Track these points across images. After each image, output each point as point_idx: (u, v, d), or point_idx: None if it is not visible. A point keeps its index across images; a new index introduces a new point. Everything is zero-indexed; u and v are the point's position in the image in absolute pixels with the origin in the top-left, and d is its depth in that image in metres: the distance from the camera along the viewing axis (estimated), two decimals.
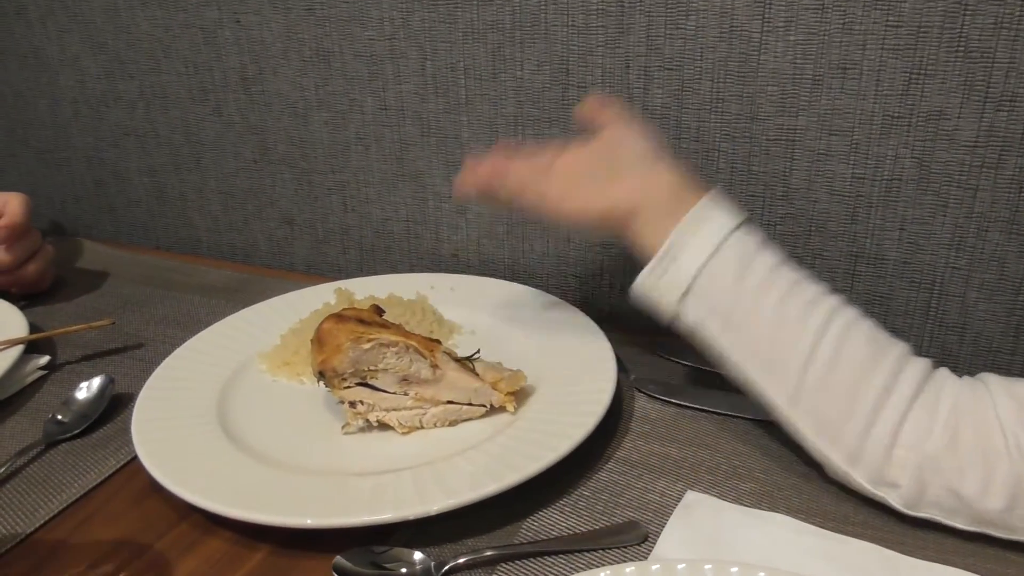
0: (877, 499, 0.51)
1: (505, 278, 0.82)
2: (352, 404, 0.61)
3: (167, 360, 0.70)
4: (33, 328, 0.77)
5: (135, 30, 0.94)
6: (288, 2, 0.84)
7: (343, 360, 0.59)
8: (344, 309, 0.64)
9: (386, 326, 0.62)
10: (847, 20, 0.63)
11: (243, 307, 0.79)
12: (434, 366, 0.60)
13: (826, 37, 0.64)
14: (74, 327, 0.75)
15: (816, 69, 0.65)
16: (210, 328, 0.75)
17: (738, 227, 0.54)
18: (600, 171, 0.58)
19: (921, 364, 0.51)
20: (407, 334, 0.61)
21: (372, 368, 0.60)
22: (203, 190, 0.99)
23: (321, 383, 0.61)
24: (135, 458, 0.59)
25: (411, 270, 0.90)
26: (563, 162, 0.59)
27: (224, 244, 1.01)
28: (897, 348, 0.52)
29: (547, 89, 0.76)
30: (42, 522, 0.55)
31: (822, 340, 0.51)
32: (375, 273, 0.90)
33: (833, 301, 0.53)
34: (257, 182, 0.96)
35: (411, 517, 0.50)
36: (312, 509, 0.52)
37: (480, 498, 0.51)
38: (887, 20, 0.62)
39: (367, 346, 0.59)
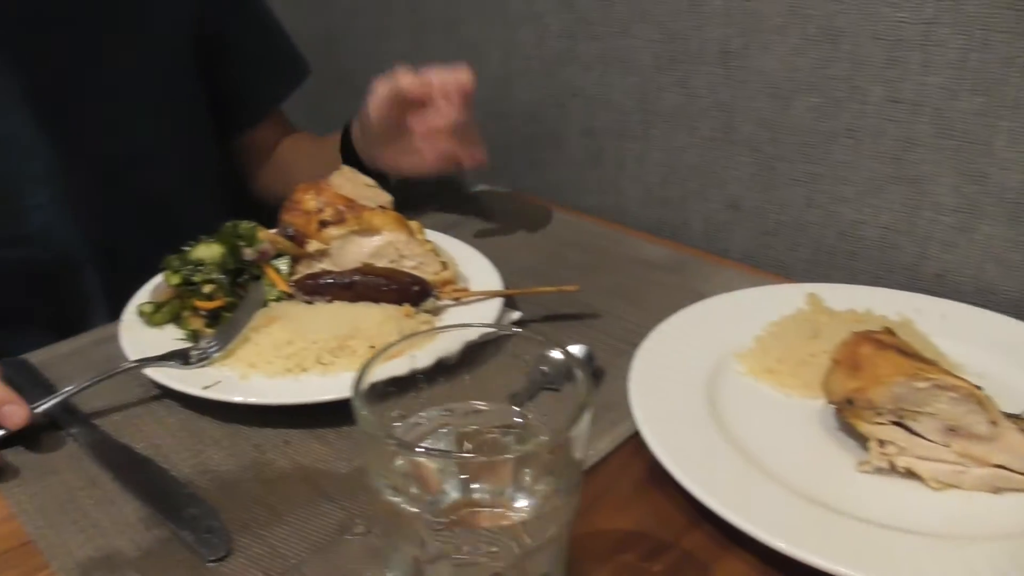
0: None
1: (1009, 314, 0.70)
2: (880, 443, 0.54)
3: (645, 343, 0.68)
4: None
5: None
6: None
7: (885, 394, 0.52)
8: (878, 333, 0.57)
9: (931, 363, 0.54)
10: None
11: (685, 289, 0.78)
12: (992, 422, 0.51)
13: None
14: (545, 288, 0.76)
15: None
16: (678, 315, 0.71)
17: None
18: None
19: None
20: (963, 379, 0.52)
21: (915, 409, 0.52)
22: (644, 161, 0.97)
23: (834, 407, 0.55)
24: (631, 437, 0.58)
25: (875, 283, 0.80)
26: None
27: (652, 218, 0.99)
28: None
29: None
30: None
31: None
32: (826, 279, 0.82)
33: None
34: (708, 161, 0.91)
35: None
36: (833, 552, 0.46)
37: None
38: None
39: (922, 385, 0.51)
